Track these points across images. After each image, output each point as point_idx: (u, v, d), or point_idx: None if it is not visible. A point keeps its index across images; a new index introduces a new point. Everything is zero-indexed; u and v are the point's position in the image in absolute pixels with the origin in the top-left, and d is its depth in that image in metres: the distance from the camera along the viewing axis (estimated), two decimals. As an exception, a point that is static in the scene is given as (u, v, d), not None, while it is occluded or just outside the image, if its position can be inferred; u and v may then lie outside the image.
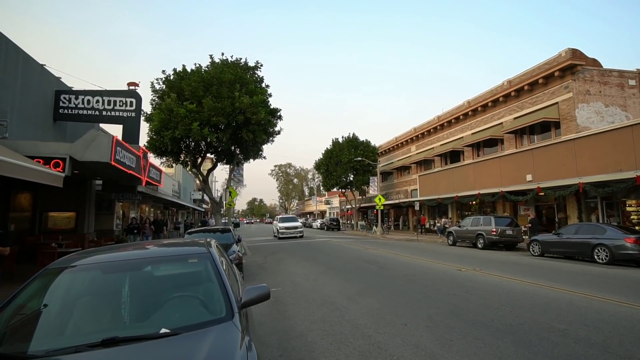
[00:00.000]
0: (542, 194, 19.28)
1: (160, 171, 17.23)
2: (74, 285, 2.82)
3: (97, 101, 13.31)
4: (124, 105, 13.52)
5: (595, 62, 20.95)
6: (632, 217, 17.11)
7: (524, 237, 19.18)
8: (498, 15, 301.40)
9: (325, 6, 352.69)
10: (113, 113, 13.51)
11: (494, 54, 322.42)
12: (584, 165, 17.88)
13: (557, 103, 21.04)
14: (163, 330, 2.24)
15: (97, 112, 13.36)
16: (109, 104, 13.42)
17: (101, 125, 16.12)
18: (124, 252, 3.38)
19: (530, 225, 19.60)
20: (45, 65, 12.25)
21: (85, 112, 13.17)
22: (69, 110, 12.95)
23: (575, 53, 20.31)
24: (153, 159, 18.14)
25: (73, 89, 13.68)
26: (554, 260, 13.51)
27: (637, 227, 15.93)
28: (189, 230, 12.26)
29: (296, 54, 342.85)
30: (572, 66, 20.08)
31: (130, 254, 3.30)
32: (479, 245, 18.30)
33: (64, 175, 8.06)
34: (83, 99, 13.13)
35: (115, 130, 24.42)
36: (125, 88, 14.13)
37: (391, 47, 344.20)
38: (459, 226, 20.76)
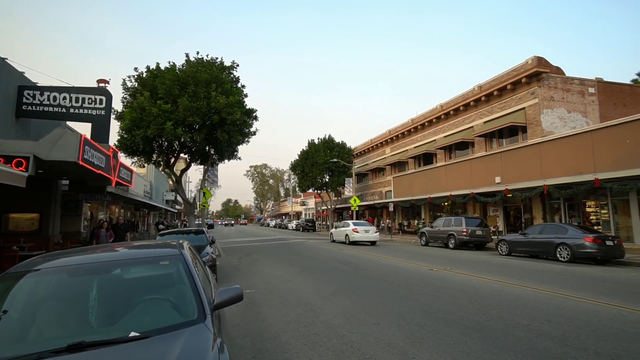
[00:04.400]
0: (510, 195, 20.06)
1: (131, 171, 16.72)
2: (38, 290, 2.72)
3: (64, 98, 12.77)
4: (93, 102, 13.04)
5: (558, 70, 22.01)
6: (591, 217, 18.09)
7: (492, 237, 19.88)
8: (471, 20, 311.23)
9: (300, 8, 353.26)
10: (81, 111, 13.00)
11: (467, 58, 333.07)
12: (548, 168, 18.74)
13: (524, 108, 21.95)
14: (132, 334, 2.20)
15: (63, 110, 12.81)
16: (76, 101, 12.91)
17: (69, 123, 15.48)
18: (92, 255, 3.29)
19: None
20: (7, 59, 11.66)
21: (51, 109, 12.60)
22: (33, 106, 12.36)
23: (540, 61, 21.26)
24: (124, 159, 17.63)
25: (38, 84, 13.09)
26: (521, 259, 14.08)
27: (595, 227, 16.86)
28: (161, 232, 11.98)
29: (273, 55, 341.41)
30: (538, 73, 21.02)
31: (99, 257, 3.22)
32: (450, 245, 18.80)
33: (27, 175, 7.70)
34: (49, 96, 12.56)
35: (84, 129, 23.39)
36: (95, 85, 13.65)
37: (367, 50, 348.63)
38: (431, 227, 21.28)
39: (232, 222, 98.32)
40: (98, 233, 12.10)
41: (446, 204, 26.78)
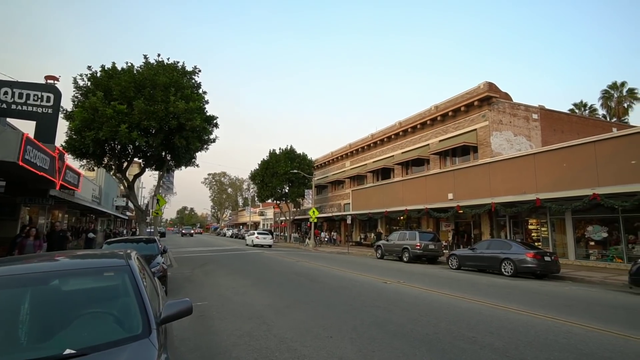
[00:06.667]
0: (461, 211, 21.06)
1: (78, 174, 15.73)
2: None
3: (6, 93, 11.85)
4: (40, 100, 12.20)
5: (507, 96, 23.65)
6: (533, 234, 19.39)
7: (444, 251, 20.68)
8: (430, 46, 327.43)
9: (267, 20, 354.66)
10: (25, 107, 12.10)
11: (424, 79, 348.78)
12: (496, 187, 19.91)
13: (475, 129, 23.30)
14: (67, 351, 2.06)
15: (4, 105, 11.87)
16: (20, 97, 12.01)
17: (10, 120, 14.34)
18: (26, 265, 3.05)
19: None
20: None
21: (-11, 103, 11.65)
22: (-32, 100, 11.37)
23: (491, 86, 22.76)
24: (72, 161, 16.52)
25: (-25, 76, 12.06)
26: (469, 273, 14.73)
27: (536, 243, 18.09)
28: (109, 240, 11.33)
29: (237, 63, 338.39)
30: (489, 97, 22.47)
31: (34, 267, 2.99)
32: (405, 259, 19.31)
33: (-43, 175, 7.04)
34: (-13, 89, 11.62)
35: (27, 127, 21.78)
36: (43, 82, 12.80)
37: (331, 65, 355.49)
38: (387, 240, 21.77)
39: (192, 231, 79.62)
40: (23, 243, 9.76)
41: (402, 218, 27.57)
